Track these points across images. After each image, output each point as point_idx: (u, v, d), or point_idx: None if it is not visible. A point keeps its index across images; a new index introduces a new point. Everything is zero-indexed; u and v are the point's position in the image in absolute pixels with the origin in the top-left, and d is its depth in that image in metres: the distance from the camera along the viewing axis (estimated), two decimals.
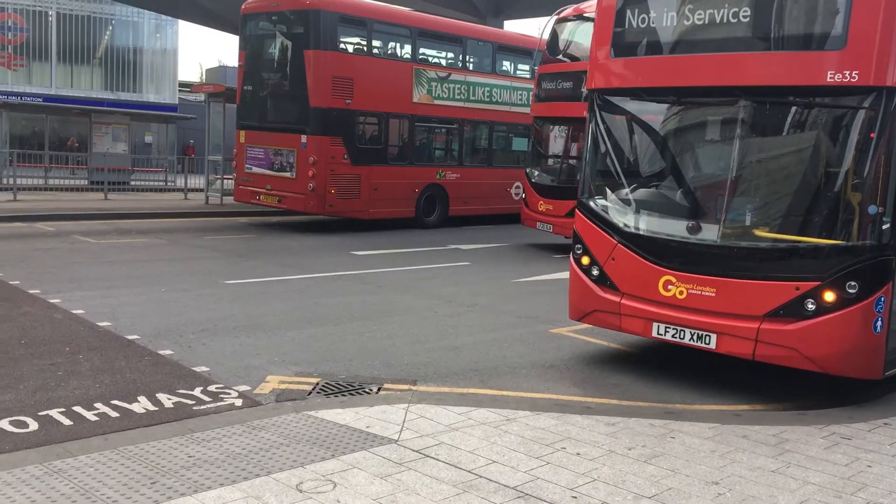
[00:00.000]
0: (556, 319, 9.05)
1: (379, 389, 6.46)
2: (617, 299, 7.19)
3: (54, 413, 5.56)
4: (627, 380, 7.17)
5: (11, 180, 21.35)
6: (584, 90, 11.51)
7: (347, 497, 4.25)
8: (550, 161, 16.11)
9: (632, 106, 7.64)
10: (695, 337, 6.71)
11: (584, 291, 7.47)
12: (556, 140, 15.88)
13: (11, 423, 5.33)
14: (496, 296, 10.87)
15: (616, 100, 7.61)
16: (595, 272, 7.37)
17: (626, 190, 7.55)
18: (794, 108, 6.71)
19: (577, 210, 7.71)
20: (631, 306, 7.09)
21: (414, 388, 6.54)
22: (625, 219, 7.39)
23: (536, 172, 15.95)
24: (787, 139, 6.87)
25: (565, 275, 8.07)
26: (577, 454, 5.03)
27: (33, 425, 5.32)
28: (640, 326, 7.09)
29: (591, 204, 7.58)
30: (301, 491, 4.30)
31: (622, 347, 8.31)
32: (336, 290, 10.57)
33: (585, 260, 7.47)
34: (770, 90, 6.56)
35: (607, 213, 7.45)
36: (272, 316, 8.93)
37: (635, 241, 7.14)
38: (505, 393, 6.54)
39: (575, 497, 4.39)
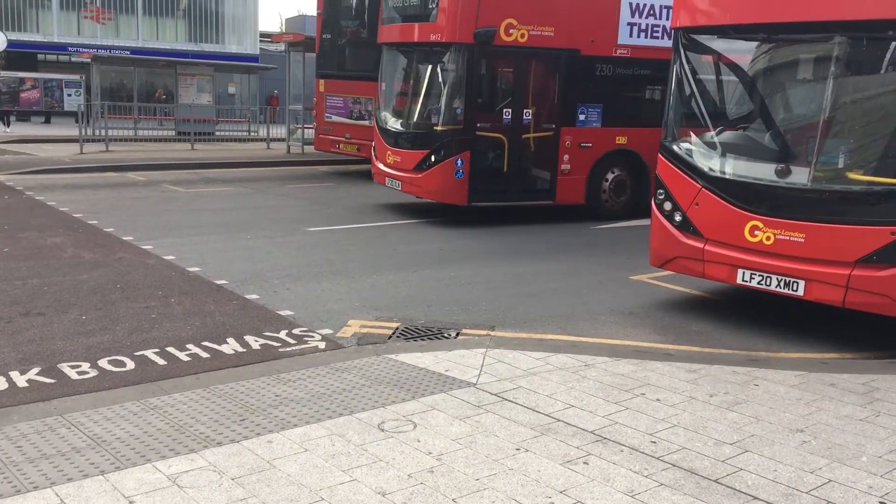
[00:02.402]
0: (637, 266, 8.93)
1: (457, 334, 6.53)
2: (700, 245, 7.03)
3: (149, 353, 5.84)
4: (709, 327, 7.05)
5: (103, 131, 22.15)
6: (434, 5, 11.31)
7: (427, 437, 4.35)
8: (398, 100, 13.07)
9: (718, 45, 7.36)
10: (782, 283, 6.52)
11: (667, 238, 7.33)
12: (405, 73, 12.87)
13: (110, 362, 5.62)
14: (575, 243, 10.77)
15: (702, 38, 7.34)
16: (678, 218, 7.21)
17: (712, 133, 7.32)
18: (893, 44, 6.32)
19: (659, 154, 7.52)
20: (715, 252, 6.93)
21: (492, 333, 6.59)
22: (710, 163, 7.18)
23: (384, 115, 12.91)
24: (885, 77, 6.50)
25: (646, 221, 7.93)
26: (657, 400, 5.00)
27: (130, 364, 5.60)
28: (725, 273, 6.93)
29: (675, 148, 7.38)
30: (382, 430, 4.42)
31: (704, 294, 8.15)
32: (415, 237, 10.66)
33: (668, 205, 7.31)
34: (868, 24, 6.19)
35: (691, 156, 7.25)
36: (353, 262, 9.10)
37: (721, 186, 6.94)
38: (583, 339, 6.52)
39: (654, 442, 4.38)
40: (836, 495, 3.85)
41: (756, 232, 6.62)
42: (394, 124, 12.63)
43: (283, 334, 6.38)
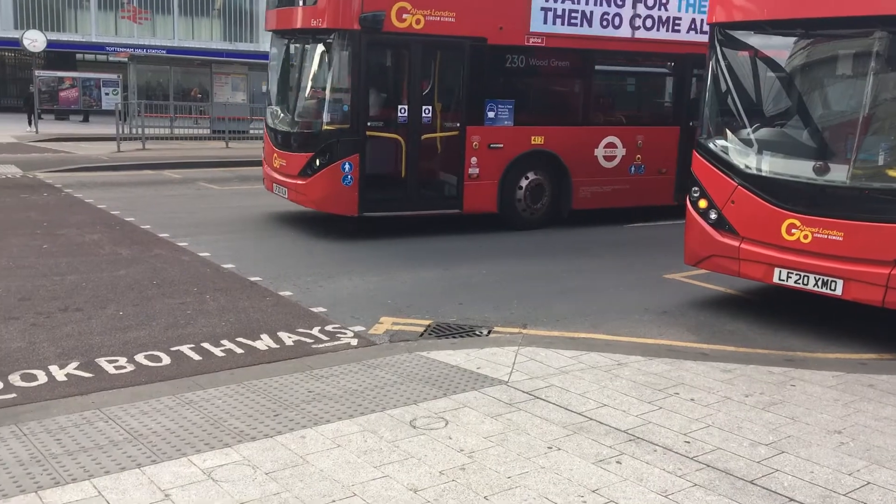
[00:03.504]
0: (670, 265, 8.84)
1: (489, 332, 6.52)
2: (736, 244, 6.94)
3: (184, 349, 5.91)
4: (744, 326, 6.96)
5: (140, 130, 22.44)
6: None
7: (459, 434, 4.35)
8: (283, 96, 11.70)
9: (755, 40, 7.25)
10: (819, 283, 6.42)
11: (701, 236, 7.25)
12: (290, 65, 11.50)
13: (147, 357, 5.70)
14: (605, 241, 10.70)
15: (738, 34, 7.24)
16: (713, 216, 7.13)
17: (748, 130, 7.23)
18: None
19: (694, 152, 7.44)
20: (751, 251, 6.84)
21: (524, 331, 6.57)
22: (746, 160, 7.08)
23: (270, 113, 11.73)
24: None
25: (681, 220, 7.85)
26: (691, 400, 4.95)
27: (166, 360, 5.68)
28: (761, 272, 6.83)
29: (711, 145, 7.29)
30: (414, 427, 4.43)
31: (739, 293, 8.05)
32: (446, 234, 10.66)
33: (703, 203, 7.23)
34: None
35: (727, 154, 7.16)
36: (385, 259, 9.13)
37: (757, 183, 6.85)
38: (616, 338, 6.47)
39: (688, 442, 4.33)
40: (874, 498, 3.78)
41: (793, 230, 6.52)
42: (279, 123, 11.21)
43: (315, 331, 6.42)
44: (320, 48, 10.42)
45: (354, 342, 6.20)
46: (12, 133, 26.37)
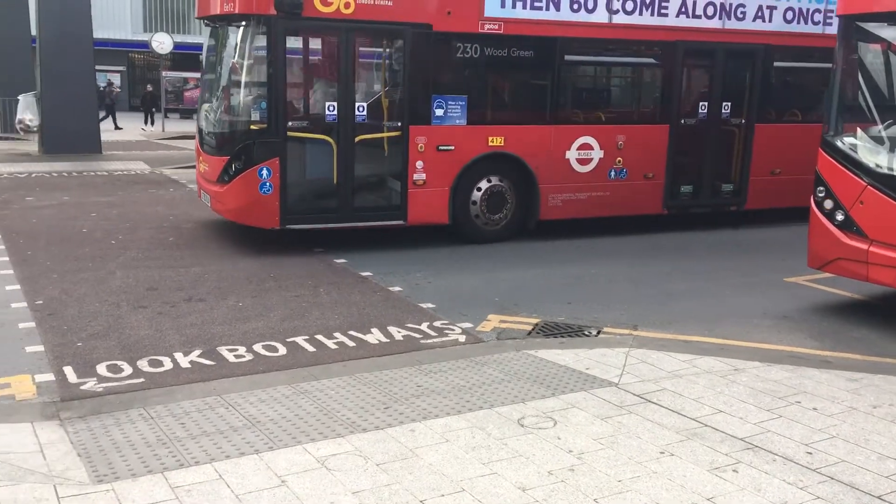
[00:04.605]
0: (792, 268, 8.47)
1: (598, 333, 6.43)
2: (864, 246, 6.58)
3: (299, 340, 6.09)
4: (873, 334, 6.58)
5: None
6: None
7: (568, 435, 4.30)
8: (206, 92, 10.62)
9: (889, 33, 6.84)
10: None
11: (827, 238, 6.91)
12: (212, 57, 10.36)
13: (264, 347, 5.91)
14: (715, 241, 10.35)
15: (871, 26, 6.84)
16: (839, 217, 6.78)
17: (879, 127, 6.82)
18: None
19: (820, 150, 7.09)
20: (881, 254, 6.46)
21: (634, 332, 6.44)
22: (877, 158, 6.69)
23: (199, 111, 10.67)
24: None
25: (804, 221, 7.50)
26: (814, 409, 4.72)
27: (282, 350, 5.87)
28: (891, 276, 6.45)
29: (838, 143, 6.93)
30: (522, 426, 4.42)
31: (867, 299, 7.62)
32: (553, 233, 10.55)
33: (828, 203, 6.89)
34: None
35: (856, 152, 6.79)
36: (493, 256, 9.14)
37: (889, 183, 6.46)
38: (732, 342, 6.25)
39: (810, 453, 4.14)
40: None
41: None
42: (202, 122, 10.23)
43: (424, 326, 6.49)
44: (236, 37, 9.25)
45: (462, 339, 6.23)
46: (139, 130, 27.91)
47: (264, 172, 8.62)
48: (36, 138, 19.26)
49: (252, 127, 8.82)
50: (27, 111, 19.64)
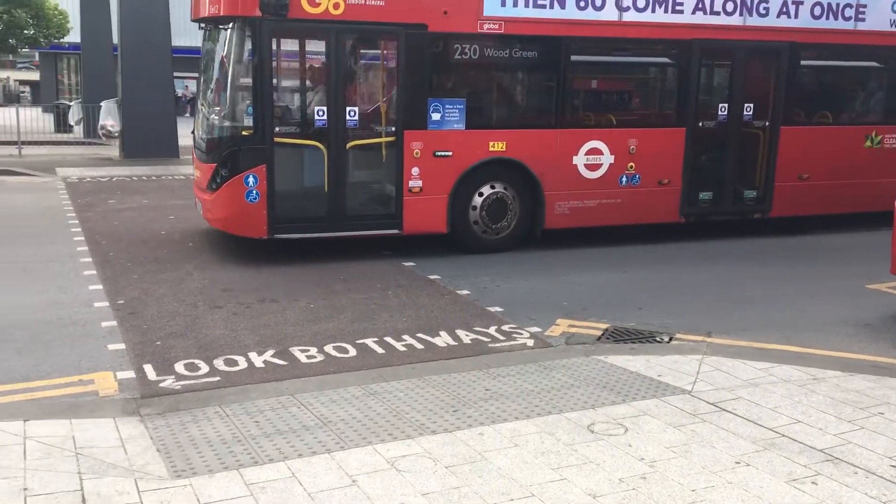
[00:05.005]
0: (873, 274, 8.17)
1: (670, 339, 6.31)
2: None
3: (369, 341, 6.16)
4: None
5: None
6: None
7: (639, 442, 4.24)
8: (201, 97, 10.13)
9: None
10: None
11: None
12: (204, 61, 9.91)
13: (335, 348, 6.00)
14: (788, 248, 10.06)
15: None
16: None
17: None
18: None
19: None
20: None
21: (708, 339, 6.30)
22: None
23: (196, 117, 10.22)
24: None
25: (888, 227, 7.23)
26: None
27: (352, 351, 5.94)
28: None
29: None
30: (592, 431, 4.37)
31: None
32: (621, 237, 10.42)
33: None
34: None
35: None
36: (561, 261, 9.07)
37: None
38: (811, 350, 6.06)
39: (894, 466, 3.98)
40: None
41: None
42: (197, 128, 9.86)
43: (492, 330, 6.49)
44: (222, 40, 8.90)
45: (531, 343, 6.21)
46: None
47: (251, 180, 8.32)
48: (117, 143, 19.96)
49: (238, 133, 8.53)
50: (109, 117, 20.40)
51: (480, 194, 9.24)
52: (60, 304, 6.93)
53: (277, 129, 8.41)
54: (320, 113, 8.52)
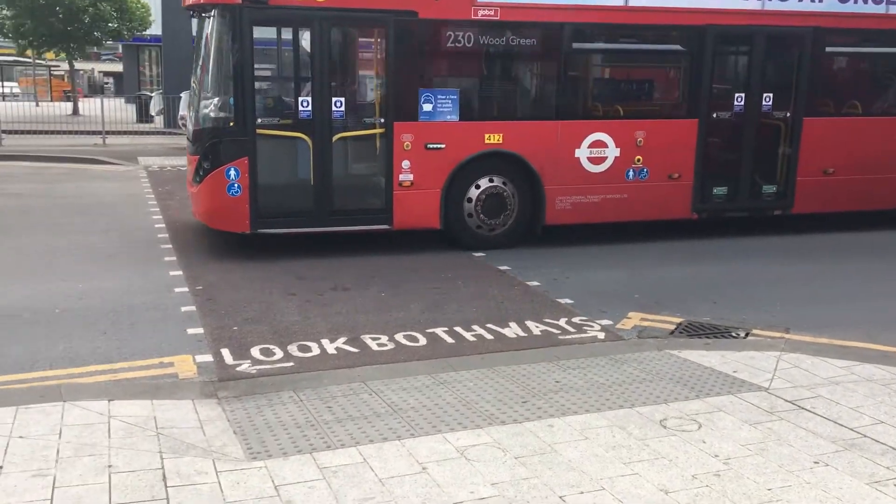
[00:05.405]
0: None
1: (746, 335, 6.16)
2: None
3: (438, 331, 6.19)
4: None
5: None
6: None
7: (714, 439, 4.16)
8: (191, 88, 9.74)
9: None
10: None
11: None
12: (194, 51, 9.62)
13: (405, 336, 6.05)
14: (872, 244, 9.68)
15: None
16: None
17: None
18: None
19: None
20: None
21: (787, 336, 6.13)
22: None
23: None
24: None
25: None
26: None
27: (422, 340, 5.99)
28: None
29: None
30: (665, 427, 4.31)
31: None
32: (695, 231, 10.20)
33: None
34: None
35: None
36: (633, 253, 8.96)
37: None
38: None
39: None
40: None
41: None
42: (188, 120, 9.61)
43: (562, 322, 6.45)
44: (206, 28, 8.65)
45: (601, 336, 6.15)
46: None
47: (232, 173, 8.09)
48: None
49: (219, 124, 8.37)
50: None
51: (476, 188, 8.89)
52: (142, 289, 7.18)
53: (260, 120, 8.18)
54: (305, 104, 8.25)
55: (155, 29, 29.41)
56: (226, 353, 5.60)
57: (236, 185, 8.11)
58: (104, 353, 5.59)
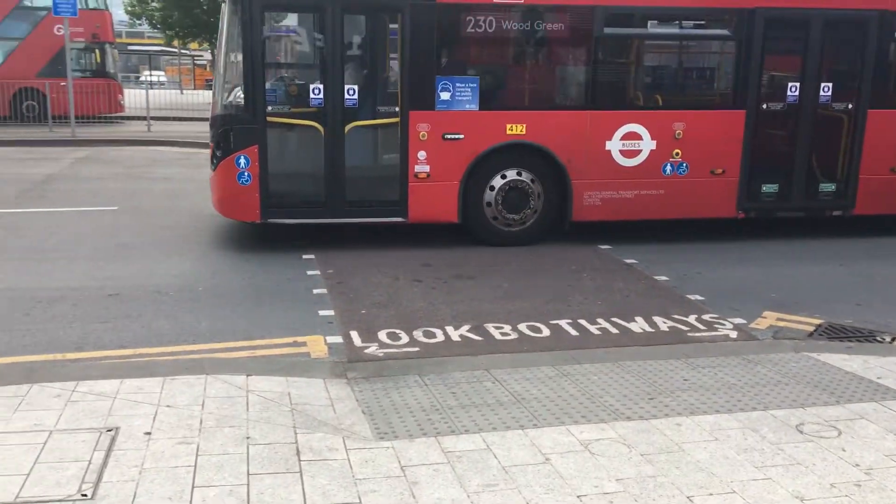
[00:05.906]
0: None
1: (893, 339, 5.80)
2: None
3: (562, 323, 6.15)
4: None
5: None
6: None
7: (854, 447, 3.94)
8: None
9: None
10: None
11: None
12: (219, 36, 9.44)
13: (528, 327, 6.05)
14: None
15: None
16: None
17: None
18: None
19: None
20: None
21: None
22: None
23: None
24: None
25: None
26: None
27: (545, 332, 5.97)
28: None
29: None
30: (801, 432, 4.12)
31: None
32: (834, 229, 9.65)
33: None
34: None
35: None
36: (767, 251, 8.59)
37: None
38: None
39: None
40: None
41: None
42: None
43: (692, 318, 6.27)
44: (223, 14, 8.46)
45: (734, 334, 5.94)
46: None
47: (242, 161, 7.94)
48: None
49: (230, 112, 8.19)
50: None
51: (498, 180, 8.48)
52: (277, 271, 7.50)
53: (270, 108, 8.01)
54: (316, 91, 8.00)
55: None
56: (354, 335, 5.78)
57: (246, 173, 8.01)
58: (244, 330, 5.88)
